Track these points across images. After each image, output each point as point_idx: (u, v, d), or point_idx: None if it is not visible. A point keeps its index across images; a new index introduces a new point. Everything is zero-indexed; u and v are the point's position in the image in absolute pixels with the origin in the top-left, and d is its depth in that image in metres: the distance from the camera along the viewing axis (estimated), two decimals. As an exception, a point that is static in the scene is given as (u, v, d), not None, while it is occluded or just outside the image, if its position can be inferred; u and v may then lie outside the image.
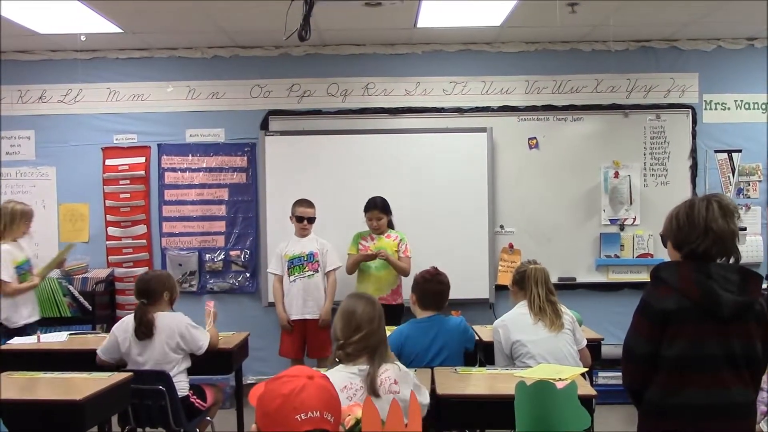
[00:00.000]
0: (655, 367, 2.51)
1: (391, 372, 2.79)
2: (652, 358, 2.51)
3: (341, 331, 2.84)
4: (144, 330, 4.09)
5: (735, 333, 2.46)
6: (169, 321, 4.16)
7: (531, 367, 3.71)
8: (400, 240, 5.55)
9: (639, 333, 2.56)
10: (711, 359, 2.45)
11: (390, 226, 5.61)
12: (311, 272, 5.50)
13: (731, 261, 2.54)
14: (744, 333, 2.48)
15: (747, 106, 6.24)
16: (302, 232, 5.54)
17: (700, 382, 2.45)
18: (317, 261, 5.51)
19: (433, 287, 4.06)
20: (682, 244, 2.56)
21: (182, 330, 4.16)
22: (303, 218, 5.51)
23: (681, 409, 2.47)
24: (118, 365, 4.18)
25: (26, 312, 5.18)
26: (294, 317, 5.49)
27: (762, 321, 2.53)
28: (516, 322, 3.91)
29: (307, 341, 5.51)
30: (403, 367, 2.90)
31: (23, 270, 5.22)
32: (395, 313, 5.29)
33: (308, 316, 5.44)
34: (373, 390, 2.67)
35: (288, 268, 5.51)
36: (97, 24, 5.36)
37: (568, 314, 3.95)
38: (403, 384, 2.79)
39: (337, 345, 2.84)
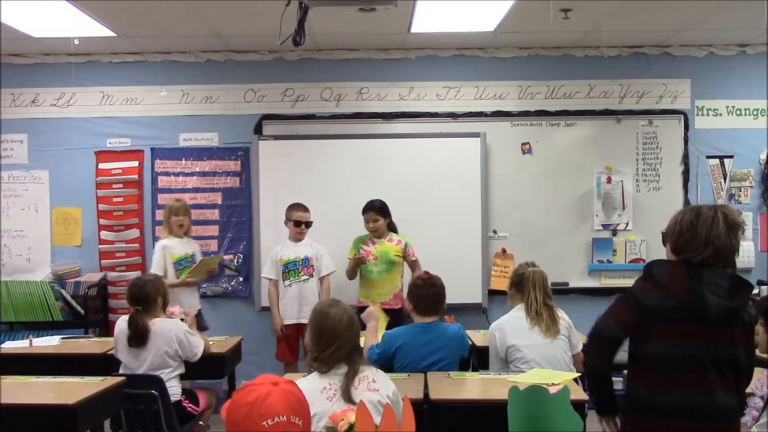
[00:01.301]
0: (638, 363, 2.55)
1: (368, 372, 2.80)
2: (616, 342, 2.58)
3: (314, 345, 2.82)
4: (138, 339, 4.07)
5: (720, 337, 2.48)
6: (166, 327, 4.15)
7: (524, 371, 3.72)
8: (405, 244, 5.55)
9: (611, 315, 2.62)
10: (696, 360, 2.48)
11: (392, 229, 5.61)
12: (306, 277, 5.50)
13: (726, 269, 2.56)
14: (729, 338, 2.50)
15: (739, 112, 6.28)
16: (299, 237, 5.54)
17: (684, 383, 2.48)
18: (312, 266, 5.52)
19: (426, 291, 4.02)
20: (681, 250, 2.58)
21: (180, 336, 4.15)
22: (301, 222, 5.51)
23: (665, 409, 2.49)
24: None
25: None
26: (289, 322, 5.49)
27: (748, 329, 2.56)
28: (512, 326, 3.91)
29: (303, 344, 5.51)
30: (380, 371, 2.90)
31: (182, 266, 5.34)
32: (399, 317, 5.24)
33: (303, 321, 5.41)
34: (347, 390, 2.67)
35: (283, 273, 5.51)
36: (91, 28, 5.36)
37: (564, 320, 3.95)
38: (382, 383, 2.79)
39: (311, 357, 2.83)
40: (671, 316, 2.48)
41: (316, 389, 2.68)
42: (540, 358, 3.77)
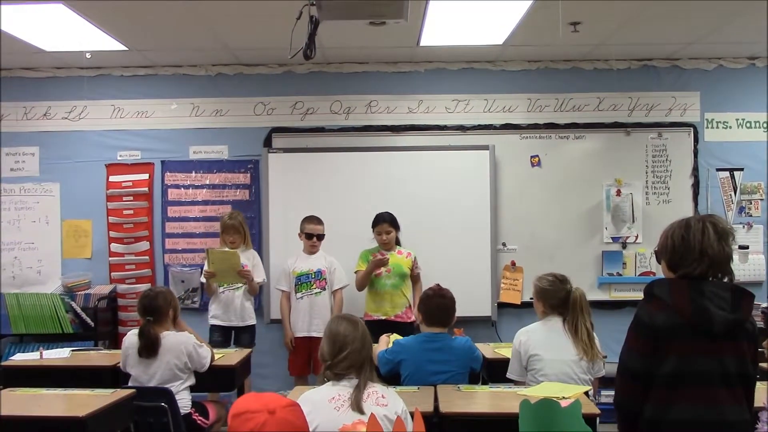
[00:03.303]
0: (650, 384, 2.50)
1: (378, 388, 2.81)
2: (645, 373, 2.50)
3: (328, 352, 2.86)
4: (149, 349, 4.08)
5: (728, 350, 2.47)
6: (176, 340, 4.15)
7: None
8: (415, 257, 5.57)
9: (631, 348, 2.57)
10: (705, 376, 2.46)
11: (397, 242, 5.61)
12: (318, 290, 5.51)
13: (725, 279, 2.55)
14: (736, 350, 2.48)
15: (748, 124, 6.26)
16: (311, 249, 5.55)
17: (692, 398, 2.45)
18: (325, 279, 5.53)
19: (436, 302, 4.06)
20: (677, 266, 2.57)
21: (190, 349, 4.16)
22: (312, 235, 5.53)
23: (673, 425, 2.46)
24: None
25: (210, 312, 5.61)
26: (299, 334, 5.50)
27: (753, 340, 2.54)
28: (541, 337, 3.81)
29: (313, 358, 5.50)
30: (391, 389, 2.90)
31: None
32: (411, 331, 5.21)
33: (314, 334, 5.41)
34: (357, 402, 2.68)
35: (295, 285, 5.52)
36: (103, 42, 5.40)
37: (596, 345, 3.83)
38: (392, 400, 2.79)
39: (325, 366, 2.86)
40: (678, 334, 2.47)
41: (325, 398, 2.71)
42: (561, 374, 3.72)
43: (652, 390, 2.51)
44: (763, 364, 3.84)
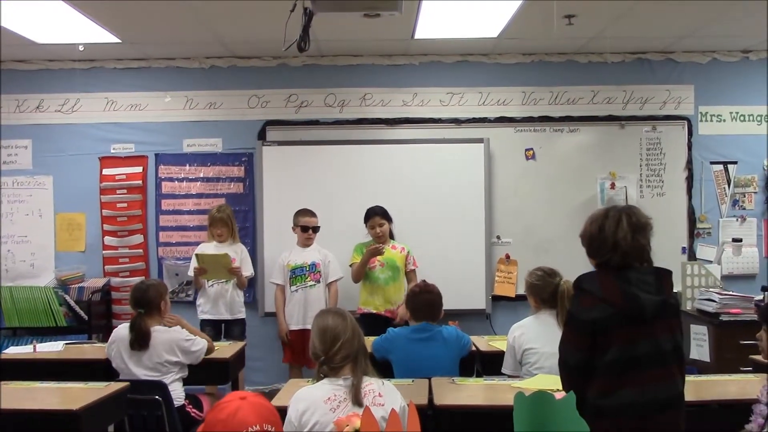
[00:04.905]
0: (590, 374, 2.58)
1: (374, 385, 2.75)
2: (583, 366, 2.59)
3: (320, 348, 2.81)
4: (140, 342, 4.06)
5: (660, 330, 2.57)
6: (168, 337, 4.13)
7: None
8: (408, 252, 5.56)
9: (568, 343, 2.66)
10: (643, 359, 2.54)
11: (390, 236, 5.60)
12: (313, 282, 5.50)
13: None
14: (667, 329, 2.60)
15: (742, 117, 6.28)
16: (307, 242, 5.55)
17: (633, 383, 2.53)
18: (319, 271, 5.52)
19: (423, 298, 4.12)
20: (595, 255, 2.71)
21: (183, 345, 4.14)
22: (308, 228, 5.52)
23: (615, 409, 2.54)
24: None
25: (199, 307, 5.63)
26: (294, 327, 5.49)
27: (678, 315, 2.68)
28: (535, 330, 3.83)
29: (307, 350, 5.49)
30: (387, 383, 2.87)
31: None
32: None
33: (309, 327, 5.38)
34: (357, 400, 2.64)
35: (290, 278, 5.51)
36: (96, 34, 5.37)
37: None
38: (388, 397, 2.75)
39: (319, 362, 2.80)
40: (613, 324, 2.54)
41: (320, 398, 2.65)
42: (556, 367, 3.72)
43: (595, 379, 2.58)
44: (758, 357, 3.86)
